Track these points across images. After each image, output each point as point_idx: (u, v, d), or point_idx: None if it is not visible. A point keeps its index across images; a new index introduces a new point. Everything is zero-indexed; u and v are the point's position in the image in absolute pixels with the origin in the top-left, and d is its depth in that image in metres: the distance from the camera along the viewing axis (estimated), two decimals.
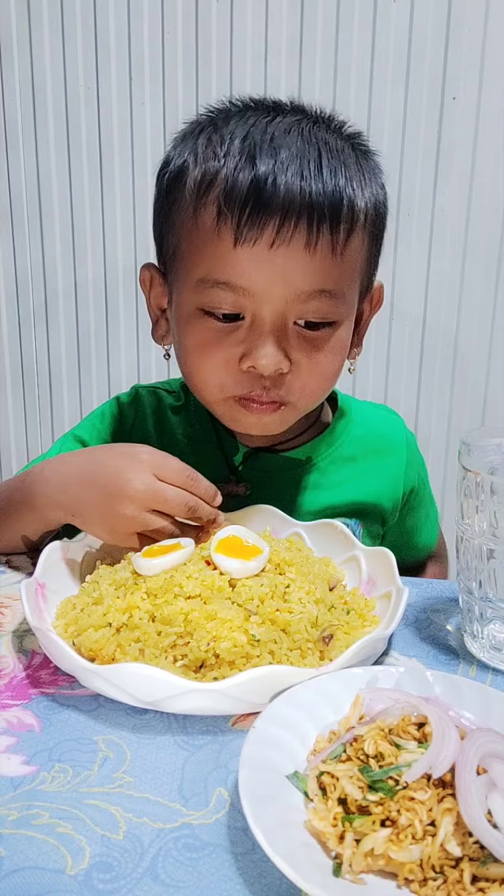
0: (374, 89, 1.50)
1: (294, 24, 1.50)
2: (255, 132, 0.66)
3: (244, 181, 0.63)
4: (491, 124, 1.48)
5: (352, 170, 0.67)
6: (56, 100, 1.63)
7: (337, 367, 0.73)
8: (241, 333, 0.68)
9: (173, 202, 0.70)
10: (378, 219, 0.72)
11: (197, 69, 1.55)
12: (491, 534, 0.57)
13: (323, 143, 0.67)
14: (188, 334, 0.70)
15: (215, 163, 0.65)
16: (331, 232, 0.65)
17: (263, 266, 0.64)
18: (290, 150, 0.64)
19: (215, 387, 0.71)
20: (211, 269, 0.66)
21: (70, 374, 1.78)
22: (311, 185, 0.63)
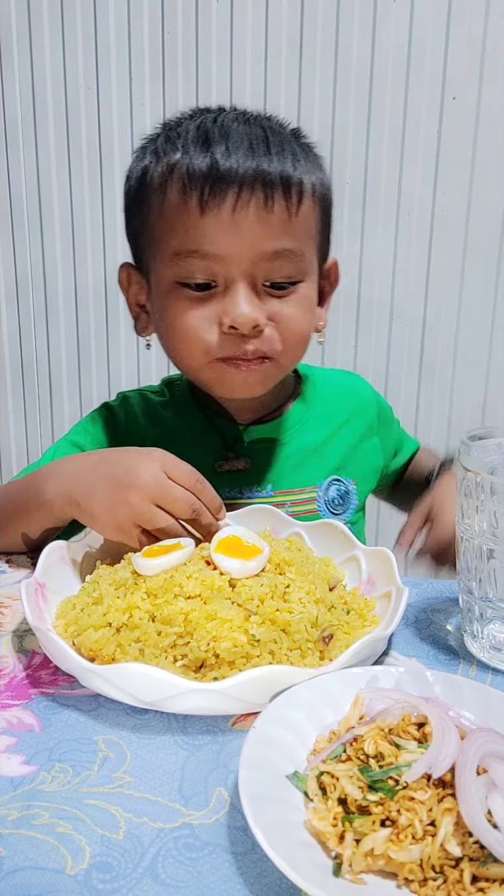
0: (374, 89, 1.50)
1: (294, 25, 1.50)
2: (206, 123, 0.75)
3: (202, 160, 0.72)
4: (491, 124, 1.48)
5: (296, 152, 0.76)
6: (56, 100, 1.63)
7: (308, 322, 0.79)
8: (217, 299, 0.74)
9: (142, 199, 0.77)
10: (325, 198, 0.80)
11: (197, 69, 1.55)
12: (491, 534, 0.57)
13: (268, 128, 0.76)
14: (168, 307, 0.76)
15: (175, 154, 0.74)
16: (284, 197, 0.73)
17: (228, 231, 0.71)
18: (240, 133, 0.73)
19: (200, 350, 0.76)
20: (182, 241, 0.73)
21: (70, 374, 1.78)
22: (262, 159, 0.72)
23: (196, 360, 0.77)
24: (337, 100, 1.52)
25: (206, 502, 0.67)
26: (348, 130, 1.53)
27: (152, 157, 0.76)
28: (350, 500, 0.90)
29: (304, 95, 1.53)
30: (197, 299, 0.74)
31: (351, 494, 0.90)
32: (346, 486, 0.90)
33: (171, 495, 0.65)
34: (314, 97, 1.52)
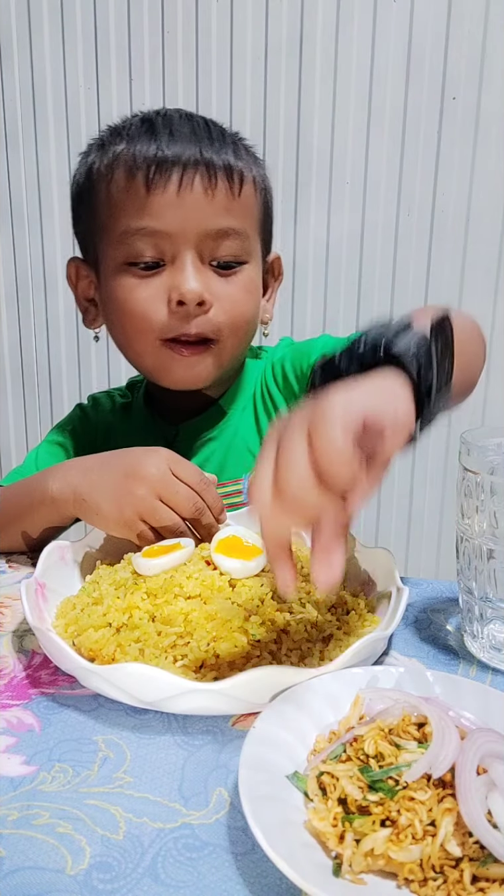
0: (374, 89, 1.50)
1: (294, 25, 1.50)
2: (151, 115, 0.79)
3: (148, 146, 0.75)
4: (491, 124, 1.48)
5: (238, 147, 0.79)
6: (56, 100, 1.63)
7: (252, 306, 0.81)
8: (164, 276, 0.76)
9: (89, 191, 0.80)
10: (266, 193, 0.83)
11: (197, 69, 1.55)
12: (491, 534, 0.57)
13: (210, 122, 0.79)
14: (116, 288, 0.78)
15: (120, 145, 0.77)
16: (227, 180, 0.76)
17: (174, 209, 0.74)
18: (182, 124, 0.77)
19: (146, 331, 0.77)
20: (130, 220, 0.75)
21: (70, 374, 1.78)
22: (205, 146, 0.75)
23: (142, 343, 0.79)
24: (337, 100, 1.52)
25: (209, 503, 0.67)
26: (348, 130, 1.53)
27: (97, 153, 0.79)
28: None
29: (304, 95, 1.53)
30: (145, 278, 0.76)
31: None
32: None
33: (176, 491, 0.65)
34: (314, 97, 1.52)
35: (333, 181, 1.55)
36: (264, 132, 1.55)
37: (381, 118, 1.51)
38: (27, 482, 0.76)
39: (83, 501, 0.68)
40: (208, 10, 1.52)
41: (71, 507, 0.70)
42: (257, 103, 1.55)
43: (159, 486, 0.65)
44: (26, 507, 0.74)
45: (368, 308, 1.61)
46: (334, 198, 1.56)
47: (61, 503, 0.70)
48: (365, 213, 1.55)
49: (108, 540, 0.70)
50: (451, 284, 1.57)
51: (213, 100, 1.56)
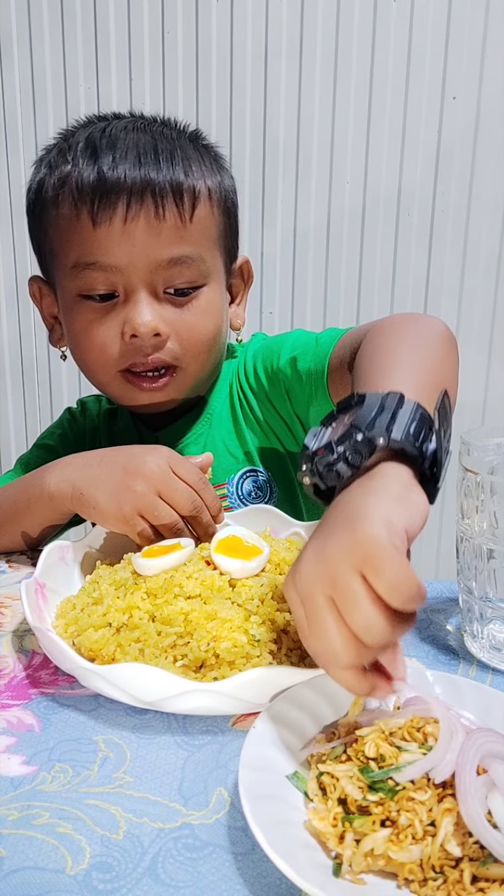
0: (374, 89, 1.50)
1: (294, 25, 1.50)
2: (95, 134, 0.76)
3: (91, 173, 0.72)
4: (491, 124, 1.48)
5: (189, 155, 0.76)
6: (56, 100, 1.63)
7: (211, 327, 0.79)
8: (118, 309, 0.75)
9: (40, 211, 0.78)
10: (225, 198, 0.80)
11: (197, 69, 1.55)
12: (491, 534, 0.57)
13: (158, 134, 0.76)
14: (73, 320, 0.78)
15: (66, 167, 0.74)
16: (176, 205, 0.73)
17: (122, 242, 0.72)
18: (126, 142, 0.74)
19: (103, 364, 0.77)
20: (80, 254, 0.74)
21: (70, 374, 1.78)
22: (150, 168, 0.72)
23: (101, 375, 0.79)
24: (337, 100, 1.52)
25: (207, 502, 0.67)
26: (348, 130, 1.53)
27: (46, 170, 0.77)
28: (271, 490, 0.87)
29: (304, 95, 1.53)
30: (100, 310, 0.75)
31: (271, 483, 0.88)
32: (263, 476, 0.87)
33: (175, 489, 0.65)
34: (314, 97, 1.52)
35: (333, 181, 1.55)
36: (264, 132, 1.55)
37: (381, 118, 1.51)
38: (24, 479, 0.76)
39: (81, 496, 0.68)
40: (208, 10, 1.52)
41: (69, 503, 0.69)
42: (257, 103, 1.55)
43: (159, 483, 0.65)
44: (24, 504, 0.74)
45: (368, 308, 1.61)
46: (334, 198, 1.56)
47: (59, 499, 0.70)
48: (365, 213, 1.55)
49: (108, 540, 0.70)
50: (451, 284, 1.57)
51: (213, 100, 1.56)
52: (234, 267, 0.85)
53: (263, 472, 0.87)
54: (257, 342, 0.90)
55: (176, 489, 0.65)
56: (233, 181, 0.83)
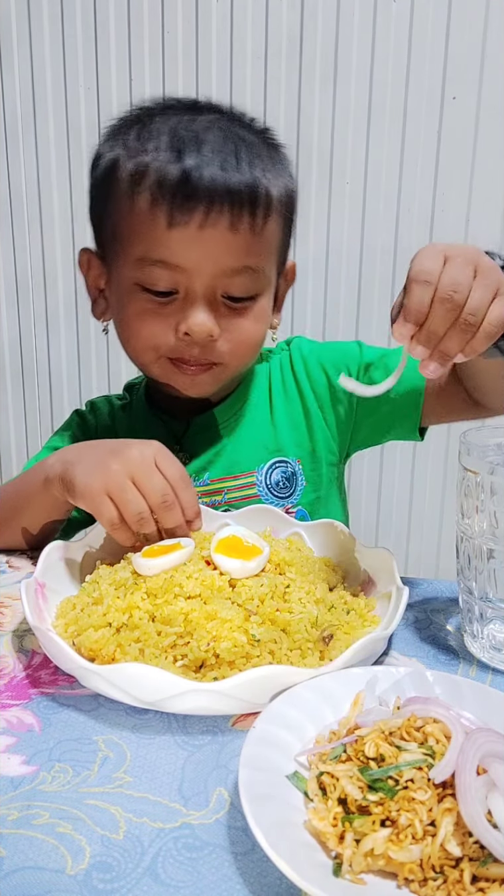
0: (374, 89, 1.50)
1: (294, 24, 1.50)
2: (180, 129, 0.75)
3: (174, 172, 0.71)
4: (491, 124, 1.48)
5: (265, 162, 0.76)
6: (56, 100, 1.63)
7: (261, 332, 0.81)
8: (175, 306, 0.76)
9: (109, 191, 0.77)
10: (289, 205, 0.81)
11: (197, 69, 1.55)
12: (491, 534, 0.57)
13: (239, 138, 0.76)
14: (127, 305, 0.78)
15: (146, 157, 0.73)
16: (251, 215, 0.74)
17: (194, 245, 0.73)
18: (212, 145, 0.73)
19: (151, 349, 0.79)
20: (148, 249, 0.74)
21: (70, 374, 1.78)
22: (232, 176, 0.72)
23: (146, 357, 0.80)
24: (337, 100, 1.52)
25: (183, 502, 0.66)
26: (348, 130, 1.53)
27: (122, 151, 0.76)
28: (297, 482, 0.88)
29: (304, 95, 1.53)
30: (157, 303, 0.76)
31: (298, 476, 0.88)
32: (291, 468, 0.88)
33: (150, 477, 0.65)
34: (314, 97, 1.52)
35: (333, 181, 1.55)
36: None
37: (381, 118, 1.51)
38: (27, 473, 0.77)
39: (65, 472, 0.68)
40: (208, 10, 1.52)
41: (58, 484, 0.69)
42: (257, 103, 1.54)
43: (135, 468, 0.65)
44: (24, 496, 0.75)
45: (368, 307, 1.61)
46: (334, 197, 1.56)
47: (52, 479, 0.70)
48: (365, 213, 1.55)
49: (108, 540, 0.70)
50: None
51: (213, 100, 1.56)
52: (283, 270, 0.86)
53: (293, 464, 0.88)
54: (308, 343, 0.93)
55: (150, 478, 0.64)
56: (295, 182, 0.83)
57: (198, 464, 0.88)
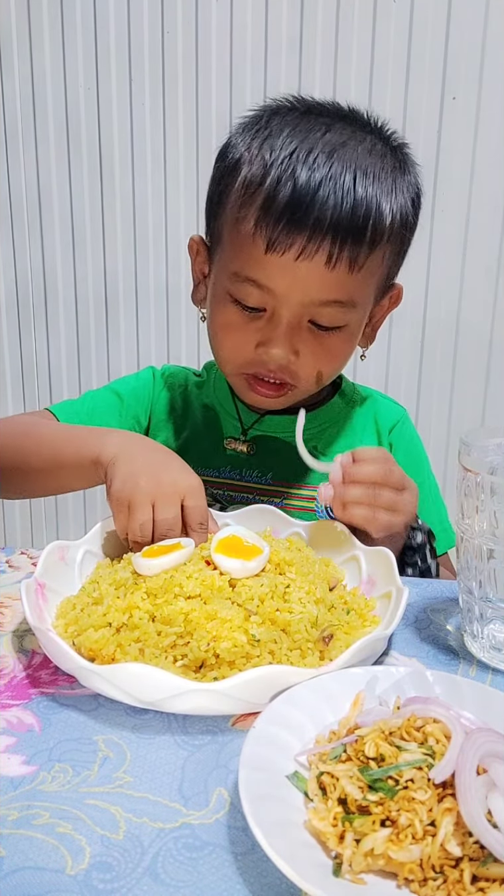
0: (374, 89, 1.50)
1: (294, 24, 1.50)
2: (303, 148, 0.73)
3: (282, 197, 0.71)
4: (491, 124, 1.48)
5: (384, 188, 0.74)
6: (56, 100, 1.63)
7: (341, 360, 0.83)
8: (261, 323, 0.77)
9: (224, 192, 0.78)
10: (404, 231, 0.79)
11: (197, 69, 1.55)
12: (491, 534, 0.57)
13: (360, 166, 0.73)
14: (218, 313, 0.81)
15: (262, 169, 0.73)
16: (351, 251, 0.73)
17: (287, 273, 0.73)
18: (328, 170, 0.72)
19: (232, 362, 0.82)
20: (244, 267, 0.76)
21: (70, 374, 1.78)
22: (341, 208, 0.71)
23: (226, 367, 0.84)
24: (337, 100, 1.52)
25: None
26: None
27: (247, 155, 0.75)
28: None
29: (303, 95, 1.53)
30: (245, 317, 0.78)
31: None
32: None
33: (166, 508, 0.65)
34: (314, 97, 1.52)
35: None
36: None
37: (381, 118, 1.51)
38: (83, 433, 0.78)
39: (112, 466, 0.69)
40: (208, 10, 1.52)
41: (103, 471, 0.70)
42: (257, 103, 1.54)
43: (159, 494, 0.66)
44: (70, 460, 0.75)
45: None
46: None
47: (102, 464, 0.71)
48: None
49: (108, 540, 0.70)
50: (451, 284, 1.57)
51: (213, 100, 1.56)
52: (387, 294, 0.85)
53: None
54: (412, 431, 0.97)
55: (166, 510, 0.65)
56: (418, 205, 0.80)
57: (263, 461, 0.90)
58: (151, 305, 1.70)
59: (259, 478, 0.89)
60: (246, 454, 0.90)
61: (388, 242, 0.76)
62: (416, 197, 0.80)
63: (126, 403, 0.93)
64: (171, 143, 1.60)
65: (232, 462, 0.90)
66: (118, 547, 0.70)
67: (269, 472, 0.89)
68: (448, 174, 1.52)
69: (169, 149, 1.60)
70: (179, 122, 1.57)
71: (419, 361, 1.63)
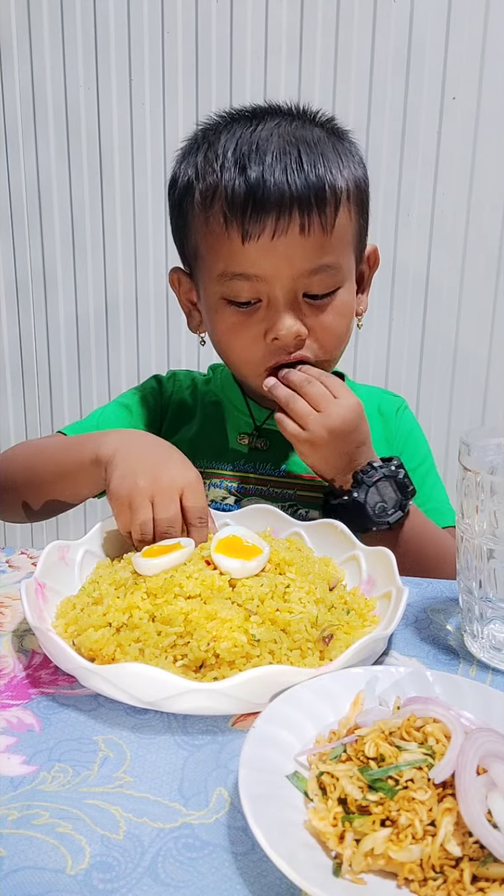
0: (374, 89, 1.50)
1: (294, 25, 1.50)
2: (242, 144, 0.77)
3: (240, 189, 0.75)
4: (491, 124, 1.48)
5: (329, 157, 0.78)
6: (56, 100, 1.63)
7: (346, 325, 0.84)
8: (260, 314, 0.79)
9: (186, 213, 0.82)
10: (360, 192, 0.83)
11: (197, 69, 1.55)
12: (491, 534, 0.57)
13: (301, 140, 0.78)
14: (217, 322, 0.82)
15: (214, 177, 0.77)
16: (319, 216, 0.76)
17: (269, 254, 0.76)
18: (273, 153, 0.76)
19: (249, 363, 0.83)
20: (228, 265, 0.78)
21: (70, 374, 1.78)
22: (296, 181, 0.75)
23: (246, 370, 0.84)
24: (337, 100, 1.52)
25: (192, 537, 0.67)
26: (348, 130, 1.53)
27: (193, 172, 0.80)
28: None
29: (303, 96, 1.53)
30: (244, 314, 0.79)
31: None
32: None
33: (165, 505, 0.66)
34: (314, 97, 1.52)
35: None
36: None
37: (381, 118, 1.51)
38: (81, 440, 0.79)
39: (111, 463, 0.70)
40: (208, 10, 1.52)
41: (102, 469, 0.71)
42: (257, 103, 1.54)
43: (157, 491, 0.66)
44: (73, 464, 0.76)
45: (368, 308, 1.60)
46: None
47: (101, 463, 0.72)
48: None
49: (108, 540, 0.70)
50: (451, 284, 1.57)
51: (213, 100, 1.56)
52: (363, 256, 0.88)
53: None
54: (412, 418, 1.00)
55: (166, 507, 0.66)
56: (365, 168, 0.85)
57: (277, 455, 0.92)
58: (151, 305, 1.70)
59: (273, 470, 0.91)
60: (260, 449, 0.92)
61: (348, 201, 0.79)
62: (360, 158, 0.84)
63: (135, 415, 0.94)
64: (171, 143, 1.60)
65: (246, 456, 0.92)
66: (118, 547, 0.70)
67: (283, 465, 0.91)
68: (448, 174, 1.52)
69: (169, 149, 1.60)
70: (179, 122, 1.57)
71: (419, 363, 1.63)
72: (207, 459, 0.91)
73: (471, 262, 1.56)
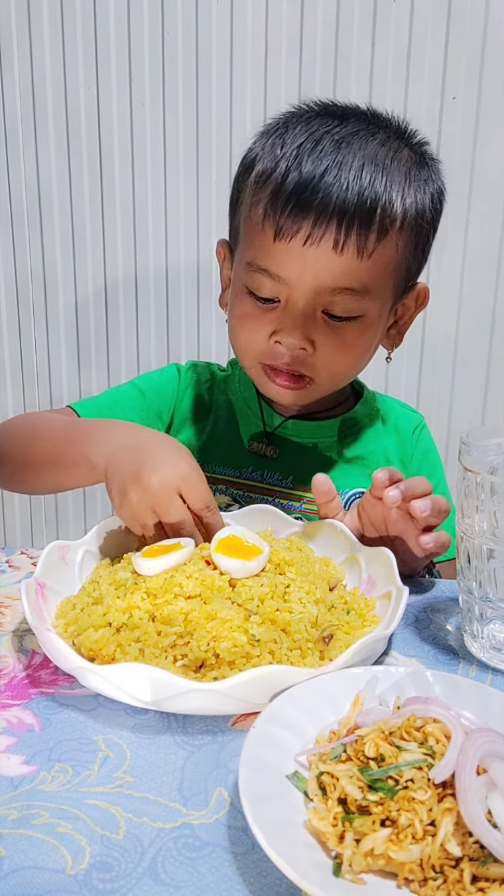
0: (374, 89, 1.50)
1: (294, 25, 1.50)
2: (310, 140, 0.74)
3: (289, 183, 0.72)
4: (491, 124, 1.48)
5: (395, 178, 0.74)
6: (56, 100, 1.63)
7: (357, 357, 0.81)
8: (276, 313, 0.78)
9: (241, 190, 0.81)
10: (421, 223, 0.79)
11: (197, 69, 1.55)
12: (491, 534, 0.57)
13: (373, 152, 0.74)
14: (235, 306, 0.82)
15: (272, 163, 0.75)
16: (358, 236, 0.72)
17: (296, 260, 0.74)
18: (335, 157, 0.72)
19: (249, 353, 0.82)
20: (256, 256, 0.77)
21: (70, 373, 1.78)
22: (345, 193, 0.71)
23: (244, 359, 0.84)
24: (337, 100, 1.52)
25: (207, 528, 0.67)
26: None
27: (260, 152, 0.78)
28: None
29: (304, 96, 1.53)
30: (260, 308, 0.78)
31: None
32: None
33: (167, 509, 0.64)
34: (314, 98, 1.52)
35: None
36: None
37: None
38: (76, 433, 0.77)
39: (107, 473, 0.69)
40: (208, 10, 1.52)
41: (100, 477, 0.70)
42: (257, 103, 1.54)
43: (154, 499, 0.64)
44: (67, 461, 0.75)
45: None
46: None
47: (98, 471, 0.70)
48: None
49: (108, 540, 0.70)
50: (451, 284, 1.57)
51: (213, 100, 1.56)
52: (409, 292, 0.84)
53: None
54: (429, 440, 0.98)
55: (168, 511, 0.64)
56: (440, 202, 0.82)
57: (286, 464, 0.90)
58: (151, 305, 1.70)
59: (280, 480, 0.90)
60: (269, 457, 0.91)
61: (400, 231, 0.75)
62: (437, 193, 0.81)
63: (148, 399, 0.93)
64: (171, 143, 1.60)
65: (254, 463, 0.91)
66: (118, 547, 0.70)
67: (291, 476, 0.90)
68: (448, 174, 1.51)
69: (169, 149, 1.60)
70: (179, 122, 1.57)
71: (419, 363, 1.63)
72: (217, 464, 0.91)
73: (471, 261, 1.56)
